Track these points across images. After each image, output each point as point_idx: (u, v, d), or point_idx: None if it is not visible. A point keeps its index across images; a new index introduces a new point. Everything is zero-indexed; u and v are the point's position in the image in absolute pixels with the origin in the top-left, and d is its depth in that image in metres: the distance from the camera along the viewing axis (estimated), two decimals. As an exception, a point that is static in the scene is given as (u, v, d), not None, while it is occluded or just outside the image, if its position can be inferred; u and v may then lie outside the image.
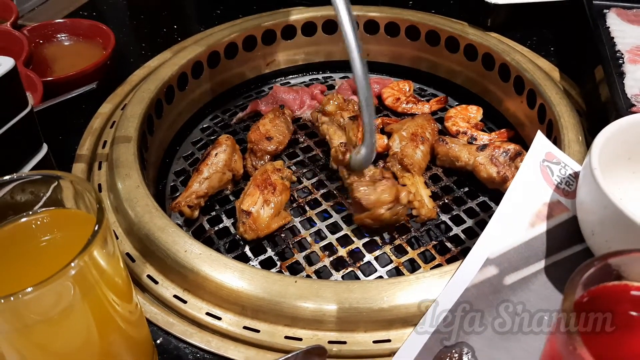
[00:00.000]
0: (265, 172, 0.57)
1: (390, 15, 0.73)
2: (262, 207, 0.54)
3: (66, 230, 0.34)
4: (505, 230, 0.44)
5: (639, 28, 0.64)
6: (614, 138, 0.45)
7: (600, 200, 0.40)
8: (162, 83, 0.63)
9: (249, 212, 0.53)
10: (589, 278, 0.28)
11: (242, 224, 0.53)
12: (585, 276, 0.27)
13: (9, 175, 0.33)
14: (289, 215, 0.56)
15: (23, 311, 0.28)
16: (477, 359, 0.40)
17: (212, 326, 0.43)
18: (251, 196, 0.54)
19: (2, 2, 0.72)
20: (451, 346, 0.40)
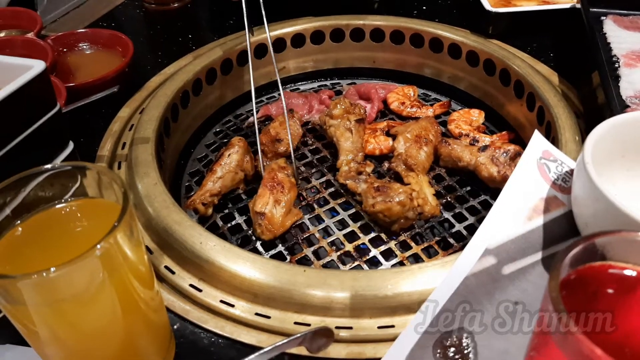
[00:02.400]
0: (272, 171, 0.59)
1: (395, 24, 0.77)
2: (274, 207, 0.57)
3: (93, 217, 0.37)
4: (503, 223, 0.47)
5: (635, 34, 0.66)
6: (607, 135, 0.47)
7: (593, 193, 0.42)
8: (177, 88, 0.67)
9: (262, 214, 0.55)
10: (575, 257, 0.30)
11: (259, 225, 0.56)
12: (570, 255, 0.30)
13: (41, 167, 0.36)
14: (300, 212, 0.58)
15: (54, 287, 0.31)
16: (476, 343, 0.42)
17: (225, 313, 0.46)
18: (262, 197, 0.57)
19: (27, 13, 0.76)
20: (451, 331, 0.42)
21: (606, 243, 0.31)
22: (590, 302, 0.30)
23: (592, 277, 0.31)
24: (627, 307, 0.31)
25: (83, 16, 0.86)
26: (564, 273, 0.30)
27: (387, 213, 0.55)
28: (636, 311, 0.31)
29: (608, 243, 0.31)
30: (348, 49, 0.80)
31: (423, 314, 0.42)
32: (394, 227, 0.56)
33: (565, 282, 0.30)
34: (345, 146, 0.64)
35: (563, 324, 0.26)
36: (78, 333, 0.35)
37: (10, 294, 0.31)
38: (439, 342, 0.42)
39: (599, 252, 0.31)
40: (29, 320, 0.33)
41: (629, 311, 0.31)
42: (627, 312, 0.31)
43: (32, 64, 0.42)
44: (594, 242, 0.30)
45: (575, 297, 0.30)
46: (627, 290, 0.31)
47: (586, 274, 0.31)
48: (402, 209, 0.55)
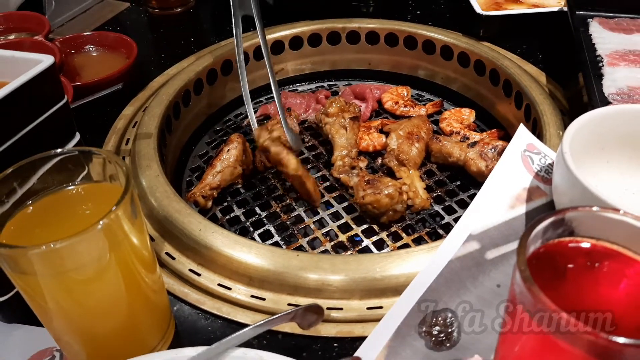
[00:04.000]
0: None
1: (389, 27, 0.79)
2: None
3: (98, 200, 0.39)
4: (487, 210, 0.49)
5: (619, 35, 0.69)
6: (585, 128, 0.50)
7: (570, 180, 0.45)
8: (179, 88, 0.70)
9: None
10: (544, 232, 0.32)
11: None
12: (538, 229, 0.32)
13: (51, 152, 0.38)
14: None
15: (60, 258, 0.33)
16: (460, 323, 0.44)
17: (223, 295, 0.48)
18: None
19: (35, 17, 0.79)
20: (437, 311, 0.45)
21: (574, 218, 0.33)
22: (558, 273, 0.33)
23: (560, 251, 0.33)
24: (593, 280, 0.33)
25: (89, 20, 0.90)
26: (534, 247, 0.33)
27: (376, 205, 0.57)
28: (602, 283, 0.33)
29: (576, 218, 0.33)
30: (344, 51, 0.82)
31: (409, 295, 0.45)
32: (383, 218, 0.59)
33: (535, 255, 0.33)
34: (339, 142, 0.67)
35: (528, 286, 0.28)
36: (83, 306, 0.38)
37: (21, 264, 0.33)
38: (424, 320, 0.44)
39: (567, 227, 0.33)
40: (38, 292, 0.36)
41: (594, 283, 0.33)
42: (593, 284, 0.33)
43: (41, 58, 0.44)
44: (562, 217, 0.33)
45: (543, 269, 0.32)
46: (593, 264, 0.33)
47: (555, 249, 0.33)
48: (391, 201, 0.57)
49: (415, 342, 0.43)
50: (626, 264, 0.33)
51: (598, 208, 0.32)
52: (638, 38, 0.69)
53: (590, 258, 0.33)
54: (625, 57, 0.65)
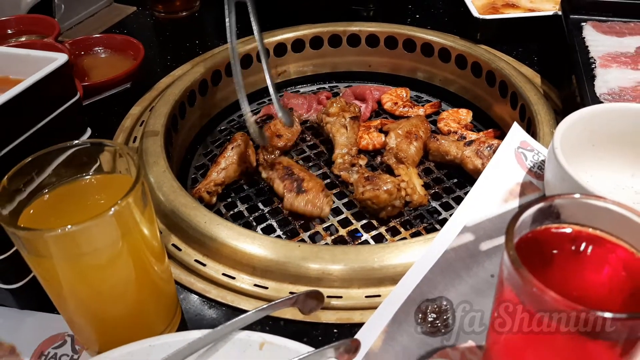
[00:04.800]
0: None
1: (389, 30, 0.82)
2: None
3: (110, 190, 0.41)
4: (481, 203, 0.51)
5: (612, 38, 0.71)
6: (576, 125, 0.52)
7: (560, 175, 0.47)
8: (185, 88, 0.72)
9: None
10: (532, 218, 0.34)
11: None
12: (526, 215, 0.34)
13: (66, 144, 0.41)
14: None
15: (74, 241, 0.35)
16: (455, 310, 0.46)
17: (227, 284, 0.50)
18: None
19: (46, 20, 0.81)
20: (432, 299, 0.46)
21: (560, 205, 0.35)
22: (545, 257, 0.35)
23: (547, 237, 0.35)
24: (578, 264, 0.35)
25: (97, 23, 0.92)
26: (523, 232, 0.35)
27: (375, 200, 0.59)
28: (587, 267, 0.35)
29: (562, 206, 0.35)
30: (345, 54, 0.85)
31: (406, 283, 0.47)
32: (382, 214, 0.61)
33: (523, 240, 0.34)
34: (340, 141, 0.69)
35: (515, 267, 0.30)
36: (95, 290, 0.40)
37: (37, 247, 0.35)
38: (420, 308, 0.46)
39: (555, 214, 0.35)
40: (53, 275, 0.38)
41: (579, 267, 0.35)
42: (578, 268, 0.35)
43: (56, 56, 0.47)
44: (549, 204, 0.35)
45: (531, 253, 0.34)
46: (578, 249, 0.35)
47: (542, 234, 0.35)
48: (389, 197, 0.59)
49: (411, 328, 0.45)
50: (609, 249, 0.35)
51: (580, 195, 0.34)
52: (630, 41, 0.71)
53: (576, 243, 0.35)
54: (617, 59, 0.67)
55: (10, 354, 0.46)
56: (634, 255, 0.34)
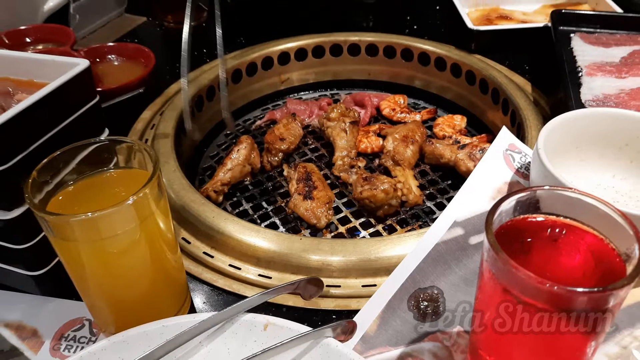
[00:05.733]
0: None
1: (387, 40, 0.86)
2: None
3: (128, 183, 0.45)
4: (471, 200, 0.55)
5: (598, 48, 0.75)
6: (559, 128, 0.55)
7: (543, 172, 0.50)
8: (193, 94, 0.76)
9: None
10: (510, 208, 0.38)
11: None
12: (505, 204, 0.37)
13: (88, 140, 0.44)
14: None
15: (97, 226, 0.39)
16: (445, 298, 0.49)
17: (233, 274, 0.53)
18: None
19: (61, 29, 0.86)
20: (424, 288, 0.50)
21: (535, 196, 0.39)
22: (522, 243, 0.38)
23: (524, 225, 0.39)
24: (555, 249, 0.39)
25: (110, 32, 0.97)
26: (504, 219, 0.38)
27: (373, 199, 0.63)
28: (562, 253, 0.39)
29: (537, 196, 0.39)
30: (346, 63, 0.89)
31: (400, 273, 0.50)
32: (379, 212, 0.64)
33: (503, 228, 0.38)
34: (340, 144, 0.73)
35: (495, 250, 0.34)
36: (114, 274, 0.43)
37: (64, 231, 0.39)
38: (413, 295, 0.49)
39: (532, 205, 0.39)
40: (76, 258, 0.41)
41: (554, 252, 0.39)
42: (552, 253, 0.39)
43: (78, 62, 0.51)
44: (525, 195, 0.38)
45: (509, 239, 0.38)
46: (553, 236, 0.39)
47: (520, 223, 0.39)
48: (386, 196, 0.63)
49: (405, 314, 0.48)
50: (581, 236, 0.38)
51: (549, 187, 0.38)
52: (615, 51, 0.75)
53: (551, 231, 0.39)
54: (602, 68, 0.71)
55: (32, 336, 0.49)
56: (602, 242, 0.37)
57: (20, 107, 0.44)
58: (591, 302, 0.33)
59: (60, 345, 0.48)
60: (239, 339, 0.43)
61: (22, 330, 0.50)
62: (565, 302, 0.34)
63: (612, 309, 0.34)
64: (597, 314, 0.34)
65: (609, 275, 0.36)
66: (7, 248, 0.47)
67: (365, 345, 0.46)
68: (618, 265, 0.36)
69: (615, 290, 0.32)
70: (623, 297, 0.34)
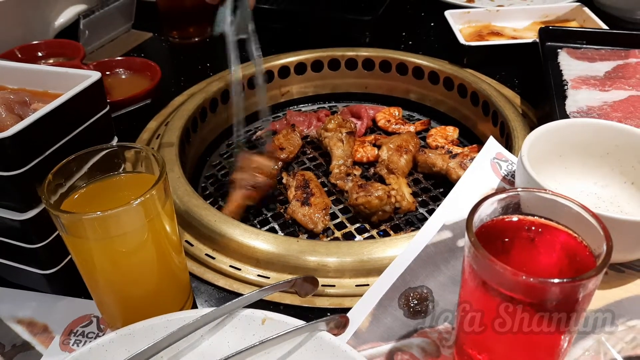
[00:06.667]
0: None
1: (383, 55, 0.90)
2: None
3: (135, 185, 0.48)
4: (459, 205, 0.58)
5: (583, 62, 0.79)
6: (543, 137, 0.59)
7: (526, 178, 0.53)
8: (197, 105, 0.80)
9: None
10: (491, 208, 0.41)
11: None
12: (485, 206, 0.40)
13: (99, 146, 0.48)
14: None
15: (107, 224, 0.42)
16: (434, 297, 0.52)
17: (234, 275, 0.56)
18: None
19: (71, 44, 0.90)
20: (414, 287, 0.53)
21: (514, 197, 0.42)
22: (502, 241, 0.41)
23: (505, 224, 0.42)
24: (533, 247, 0.42)
25: (117, 47, 1.01)
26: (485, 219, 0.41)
27: (367, 205, 0.66)
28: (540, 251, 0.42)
29: (515, 197, 0.42)
30: (344, 76, 0.93)
31: (391, 273, 0.53)
32: (374, 218, 0.67)
33: (484, 227, 0.41)
34: (337, 153, 0.76)
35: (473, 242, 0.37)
36: (122, 270, 0.46)
37: (76, 228, 0.42)
38: (403, 294, 0.52)
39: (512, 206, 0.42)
40: (87, 254, 0.44)
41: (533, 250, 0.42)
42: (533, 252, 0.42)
43: (90, 74, 0.54)
44: (503, 196, 0.41)
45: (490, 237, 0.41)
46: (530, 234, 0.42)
47: (500, 222, 0.42)
48: (380, 202, 0.66)
49: (395, 311, 0.51)
50: (556, 235, 0.41)
51: (522, 188, 0.41)
52: (600, 65, 0.78)
53: (529, 230, 0.42)
54: (586, 82, 0.75)
55: (43, 332, 0.52)
56: (576, 240, 0.40)
57: (36, 115, 0.48)
58: (563, 292, 0.36)
59: (69, 340, 0.51)
60: (238, 332, 0.46)
61: (33, 326, 0.52)
62: (539, 293, 0.36)
63: (583, 300, 0.37)
64: (570, 306, 0.37)
65: (583, 270, 0.39)
66: (22, 247, 0.50)
67: (357, 340, 0.49)
68: (590, 261, 0.39)
69: (583, 281, 0.35)
70: (592, 289, 0.37)
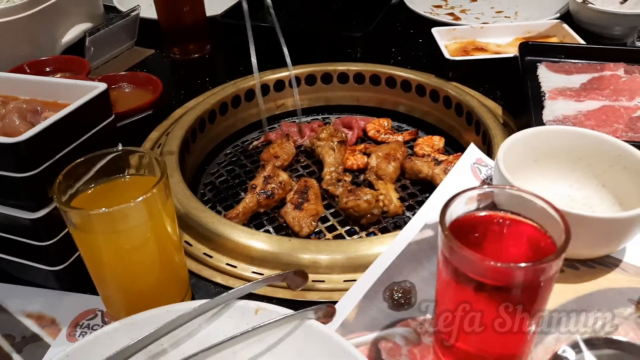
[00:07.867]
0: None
1: (373, 69, 0.94)
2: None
3: (138, 186, 0.52)
4: (440, 206, 0.61)
5: (560, 75, 0.83)
6: (519, 143, 0.63)
7: (501, 179, 0.57)
8: (197, 117, 0.84)
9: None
10: (464, 204, 0.45)
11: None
12: (457, 200, 0.44)
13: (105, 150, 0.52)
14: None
15: (113, 220, 0.46)
16: (416, 291, 0.56)
17: (230, 272, 0.60)
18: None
19: (77, 60, 0.94)
20: (398, 282, 0.56)
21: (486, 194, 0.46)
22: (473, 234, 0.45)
23: (476, 219, 0.46)
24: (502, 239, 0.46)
25: (121, 63, 1.06)
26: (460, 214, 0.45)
27: (357, 209, 0.70)
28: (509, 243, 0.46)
29: (489, 194, 0.46)
30: (336, 90, 0.97)
31: (376, 268, 0.57)
32: (362, 221, 0.71)
33: (457, 221, 0.45)
34: (328, 161, 0.80)
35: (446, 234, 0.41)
36: (126, 264, 0.50)
37: (84, 224, 0.46)
38: (388, 288, 0.56)
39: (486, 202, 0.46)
40: (94, 249, 0.48)
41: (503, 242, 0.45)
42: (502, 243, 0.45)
43: (97, 85, 0.58)
44: (475, 193, 0.45)
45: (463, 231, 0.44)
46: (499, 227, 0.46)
47: (472, 217, 0.46)
48: (368, 206, 0.70)
49: (380, 303, 0.55)
50: (524, 227, 0.45)
51: (489, 185, 0.45)
52: (576, 78, 0.83)
53: (498, 223, 0.46)
54: (563, 93, 0.79)
55: (51, 324, 0.56)
56: (540, 231, 0.44)
57: (46, 123, 0.52)
58: (526, 275, 0.40)
59: (75, 332, 0.55)
60: (233, 321, 0.50)
61: (42, 320, 0.56)
62: (505, 277, 0.40)
63: (545, 284, 0.41)
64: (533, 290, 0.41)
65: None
66: (32, 245, 0.54)
67: (344, 330, 0.52)
68: (552, 250, 0.43)
69: (543, 264, 0.39)
70: (552, 274, 0.41)
